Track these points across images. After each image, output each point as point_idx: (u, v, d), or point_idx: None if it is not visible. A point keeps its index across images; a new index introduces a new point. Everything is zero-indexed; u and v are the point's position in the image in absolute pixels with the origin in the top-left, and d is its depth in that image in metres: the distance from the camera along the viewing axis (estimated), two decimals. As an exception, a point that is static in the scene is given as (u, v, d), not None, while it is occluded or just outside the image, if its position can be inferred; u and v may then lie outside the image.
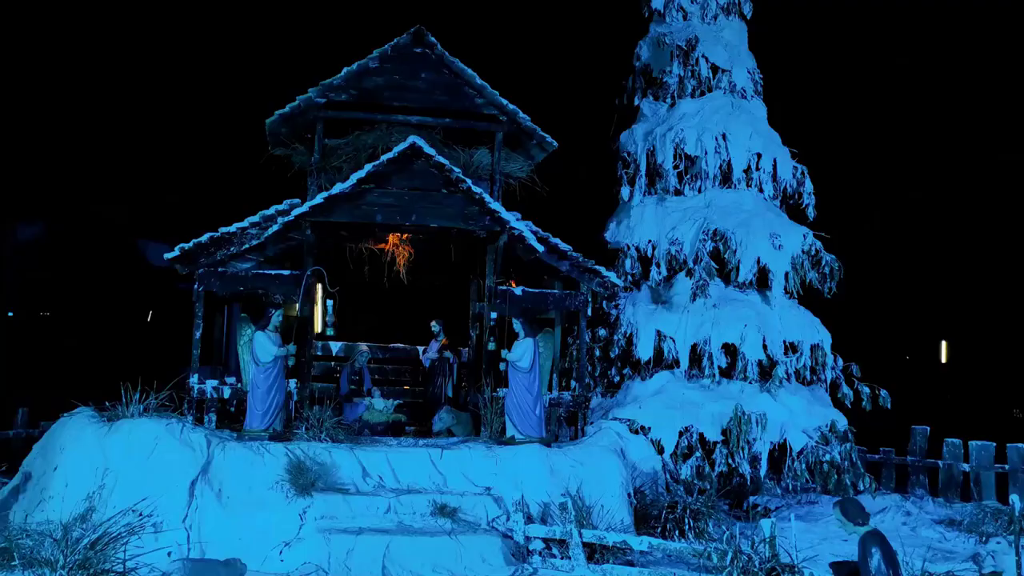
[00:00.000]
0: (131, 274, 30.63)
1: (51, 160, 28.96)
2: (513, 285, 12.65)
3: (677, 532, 11.12)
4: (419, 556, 9.69)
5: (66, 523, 8.79)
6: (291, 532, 9.94)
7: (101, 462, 10.44)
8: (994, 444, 15.79)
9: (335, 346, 13.64)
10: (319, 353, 13.35)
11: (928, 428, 16.88)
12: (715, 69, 15.04)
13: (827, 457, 12.91)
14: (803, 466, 12.81)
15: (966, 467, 15.87)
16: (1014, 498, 9.82)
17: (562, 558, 10.10)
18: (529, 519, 10.52)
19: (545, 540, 10.35)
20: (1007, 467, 15.51)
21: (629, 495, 11.45)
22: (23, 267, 29.40)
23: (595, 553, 10.03)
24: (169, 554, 9.18)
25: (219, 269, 12.07)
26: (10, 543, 8.94)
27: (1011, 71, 34.74)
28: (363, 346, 13.39)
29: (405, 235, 12.80)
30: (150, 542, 9.42)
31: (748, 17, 15.56)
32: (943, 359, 47.19)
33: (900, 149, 35.99)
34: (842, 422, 13.60)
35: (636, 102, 15.76)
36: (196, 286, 11.97)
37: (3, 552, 8.91)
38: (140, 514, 9.37)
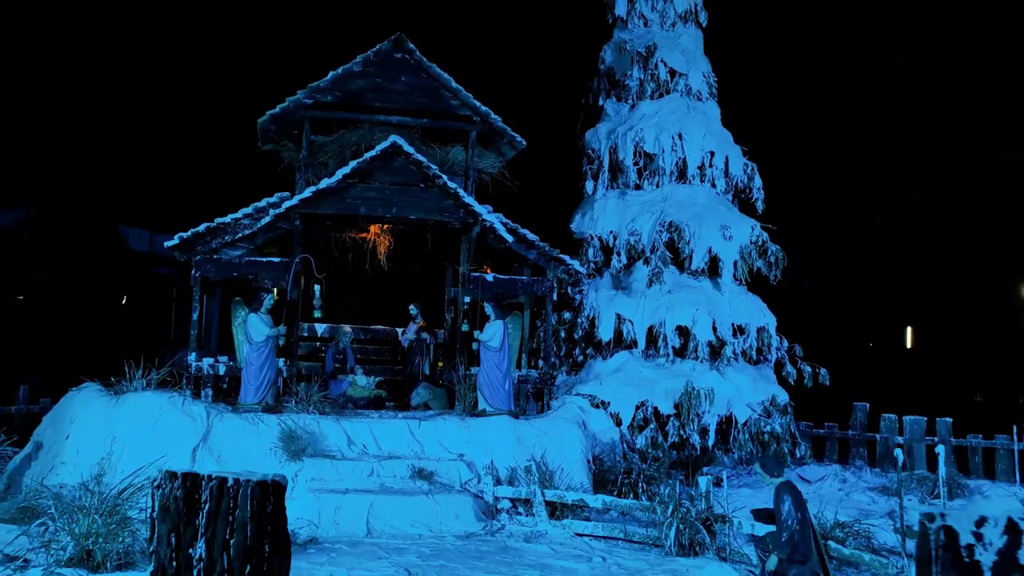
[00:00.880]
0: (111, 258, 31.25)
1: (38, 149, 29.54)
2: (487, 271, 13.81)
3: (632, 494, 12.37)
4: (399, 513, 10.85)
5: (81, 484, 9.86)
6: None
7: (109, 431, 11.49)
8: (925, 419, 17.21)
9: (320, 328, 14.72)
10: (306, 334, 14.44)
11: (868, 405, 18.30)
12: (673, 73, 16.26)
13: (768, 428, 14.24)
14: (747, 436, 14.12)
15: (901, 440, 17.28)
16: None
17: (527, 515, 11.32)
18: (498, 482, 11.73)
19: (512, 500, 11.57)
20: (936, 439, 16.95)
21: (589, 462, 12.69)
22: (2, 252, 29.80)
23: (556, 511, 11.26)
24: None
25: (214, 256, 13.12)
26: (31, 502, 10.04)
27: (947, 63, 36.37)
28: (347, 328, 14.49)
29: (386, 226, 13.91)
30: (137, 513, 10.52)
31: (704, 25, 16.79)
32: (908, 344, 48.71)
33: (860, 144, 37.49)
34: (783, 397, 14.95)
35: (600, 102, 16.95)
36: (194, 272, 13.00)
37: (25, 510, 10.01)
38: (139, 486, 10.43)
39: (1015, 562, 2.58)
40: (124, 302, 31.03)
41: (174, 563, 2.72)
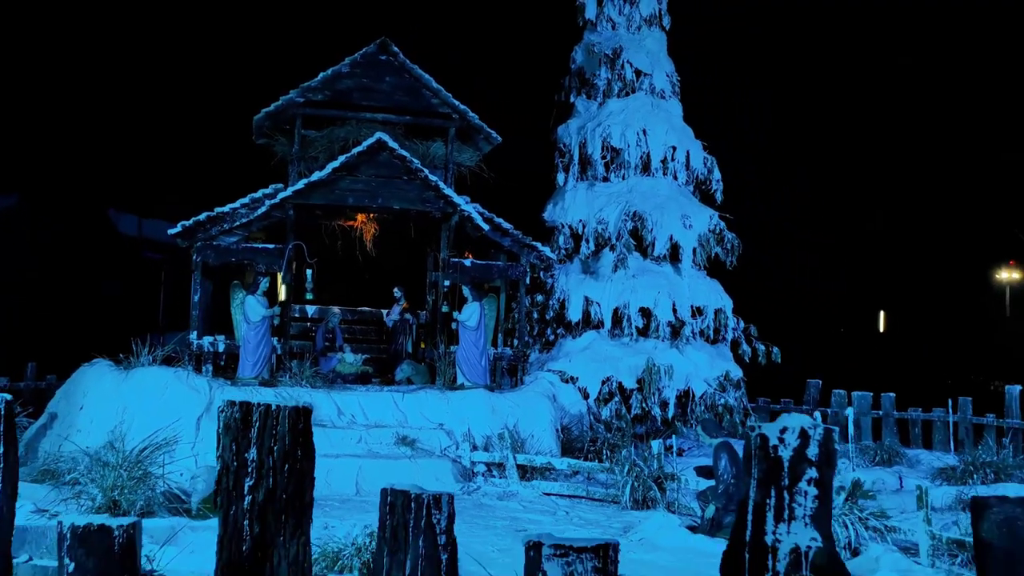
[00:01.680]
0: (101, 243, 31.96)
1: (31, 137, 30.26)
2: (466, 256, 14.99)
3: (596, 460, 13.64)
4: (385, 475, 12.02)
5: (104, 445, 11.01)
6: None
7: (120, 402, 12.60)
8: (871, 394, 18.58)
9: (311, 309, 15.85)
10: (297, 315, 15.57)
11: (820, 381, 19.67)
12: (638, 73, 17.45)
13: (723, 401, 15.56)
14: (703, 409, 15.43)
15: (849, 412, 18.66)
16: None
17: (500, 477, 12.57)
18: (474, 448, 12.96)
19: (487, 464, 12.81)
20: (881, 412, 18.35)
21: (557, 431, 13.95)
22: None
23: (527, 473, 12.51)
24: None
25: (213, 243, 14.22)
26: (51, 466, 11.21)
27: (910, 49, 37.79)
28: (336, 309, 15.63)
29: (372, 215, 15.05)
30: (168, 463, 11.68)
31: (667, 28, 17.99)
32: (881, 328, 49.97)
33: (827, 136, 38.83)
34: (736, 372, 16.28)
35: (572, 100, 18.15)
36: (195, 257, 14.10)
37: (46, 472, 11.17)
38: (158, 445, 11.58)
39: (804, 456, 3.81)
40: (115, 286, 31.78)
41: (235, 463, 3.90)
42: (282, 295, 14.49)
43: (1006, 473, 12.72)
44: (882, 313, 50.05)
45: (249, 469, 3.86)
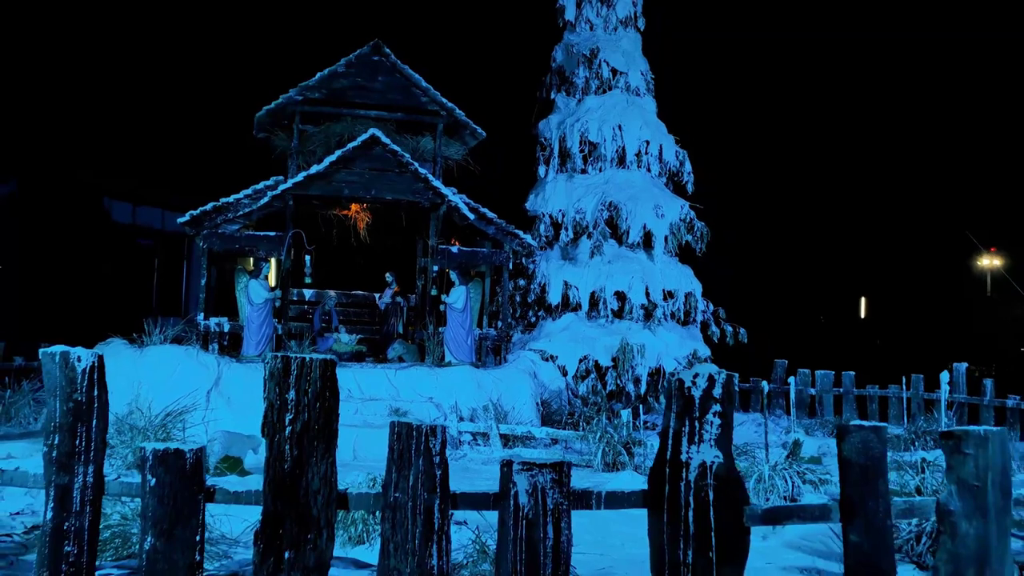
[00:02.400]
0: (96, 229, 32.73)
1: (29, 125, 31.00)
2: (453, 243, 16.13)
3: (573, 430, 14.88)
4: (379, 443, 12.95)
5: (121, 417, 12.13)
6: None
7: (136, 377, 13.70)
8: (833, 372, 19.89)
9: (308, 293, 16.98)
10: (295, 298, 16.69)
11: (786, 362, 20.97)
12: (614, 71, 18.61)
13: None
14: (673, 385, 16.66)
15: (813, 391, 19.98)
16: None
17: (484, 445, 13.78)
18: (461, 419, 14.16)
19: (472, 433, 14.02)
20: (842, 390, 19.68)
21: (538, 404, 15.16)
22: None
23: (508, 442, 13.73)
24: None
25: (218, 231, 15.31)
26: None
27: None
28: (331, 293, 16.77)
29: (365, 205, 16.16)
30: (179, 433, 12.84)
31: (642, 29, 19.17)
32: (862, 314, 51.09)
33: (806, 131, 40.00)
34: (704, 351, 17.55)
35: (552, 96, 19.30)
36: (202, 244, 15.20)
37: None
38: (178, 412, 12.73)
39: (711, 395, 5.01)
40: (109, 272, 32.53)
41: (278, 401, 5.06)
42: (272, 280, 15.58)
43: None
44: (863, 299, 51.20)
45: (289, 406, 5.05)
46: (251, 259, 15.56)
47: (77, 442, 5.20)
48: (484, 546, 6.52)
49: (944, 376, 11.66)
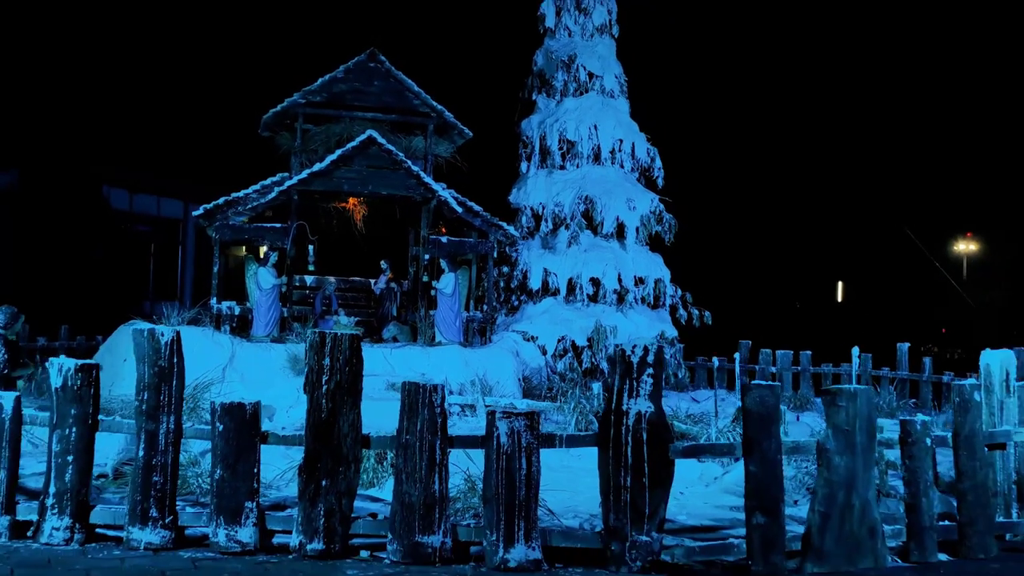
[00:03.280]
0: (95, 216, 33.78)
1: (30, 114, 32.02)
2: (443, 233, 17.69)
3: (551, 403, 16.53)
4: (378, 415, 14.51)
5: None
6: (292, 398, 14.83)
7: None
8: (792, 352, 21.62)
9: (310, 279, 18.47)
10: (298, 284, 18.19)
11: (750, 342, 22.68)
12: (591, 75, 20.18)
13: (659, 356, 18.51)
14: (642, 362, 18.38)
15: (773, 369, 21.69)
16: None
17: (472, 416, 15.38)
18: (450, 392, 15.72)
19: (461, 406, 15.59)
20: (800, 368, 21.41)
21: (520, 380, 16.78)
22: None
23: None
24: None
25: (228, 223, 16.78)
26: (104, 405, 13.82)
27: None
28: (331, 279, 18.26)
29: (362, 199, 17.67)
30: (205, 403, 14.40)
31: (616, 36, 20.75)
32: (839, 298, 52.70)
33: (781, 121, 41.55)
34: (671, 332, 19.25)
35: (534, 97, 20.87)
36: (214, 235, 16.66)
37: (103, 410, 13.80)
38: (204, 385, 14.28)
39: (645, 361, 6.64)
40: (108, 256, 33.60)
41: (316, 366, 6.64)
42: (287, 267, 17.08)
43: (879, 410, 15.78)
44: (840, 284, 52.73)
45: (325, 369, 6.64)
46: (261, 248, 17.05)
47: (161, 397, 6.79)
48: (473, 484, 8.13)
49: (855, 351, 13.38)
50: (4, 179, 33.22)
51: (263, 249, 16.87)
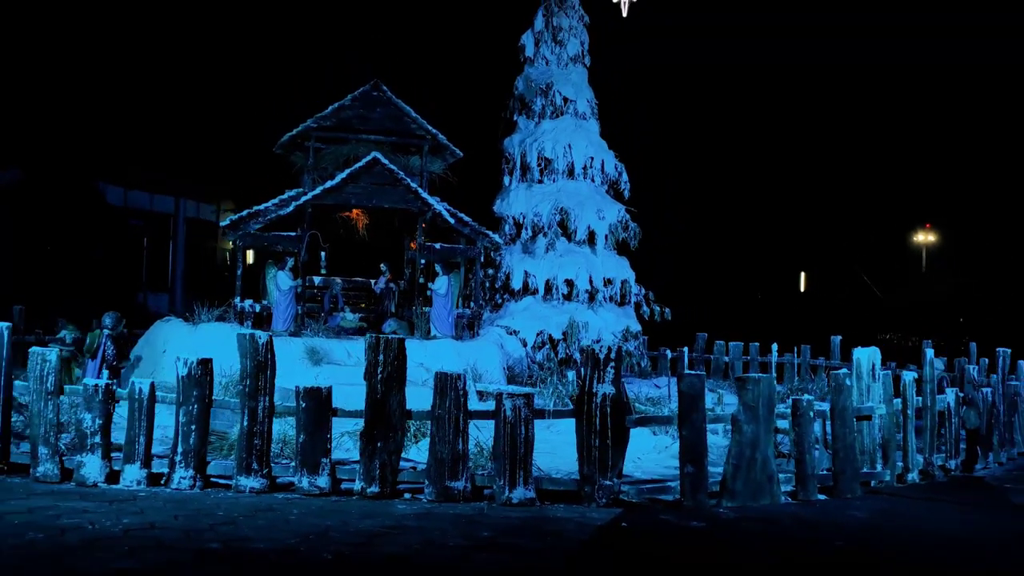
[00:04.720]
0: (91, 211, 35.42)
1: (30, 114, 33.55)
2: (437, 241, 20.21)
3: (532, 388, 19.18)
4: None
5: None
6: (311, 385, 17.44)
7: (192, 348, 17.48)
8: (743, 343, 24.47)
9: (318, 280, 20.95)
10: (307, 285, 20.65)
11: (706, 334, 25.55)
12: (565, 100, 22.84)
13: (626, 348, 21.25)
14: (610, 353, 21.14)
15: (727, 359, 24.56)
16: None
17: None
18: (445, 380, 18.35)
19: (455, 391, 18.22)
20: (748, 357, 24.28)
21: (504, 368, 19.40)
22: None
23: (482, 397, 17.96)
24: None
25: (249, 232, 19.18)
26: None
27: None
28: (337, 279, 20.73)
29: (366, 210, 20.17)
30: (235, 389, 16.86)
31: (588, 64, 23.48)
32: (802, 288, 54.99)
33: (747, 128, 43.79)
34: (636, 327, 22.02)
35: (515, 118, 23.53)
36: (238, 243, 19.07)
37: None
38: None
39: (608, 356, 9.31)
40: (104, 250, 35.25)
41: (373, 360, 9.23)
42: (302, 271, 19.56)
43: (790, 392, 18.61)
44: (803, 274, 55.04)
45: (379, 362, 9.24)
46: (279, 254, 19.49)
47: (259, 383, 9.34)
48: (481, 448, 10.76)
49: (775, 347, 16.17)
50: (6, 177, 34.69)
51: (280, 255, 19.33)
